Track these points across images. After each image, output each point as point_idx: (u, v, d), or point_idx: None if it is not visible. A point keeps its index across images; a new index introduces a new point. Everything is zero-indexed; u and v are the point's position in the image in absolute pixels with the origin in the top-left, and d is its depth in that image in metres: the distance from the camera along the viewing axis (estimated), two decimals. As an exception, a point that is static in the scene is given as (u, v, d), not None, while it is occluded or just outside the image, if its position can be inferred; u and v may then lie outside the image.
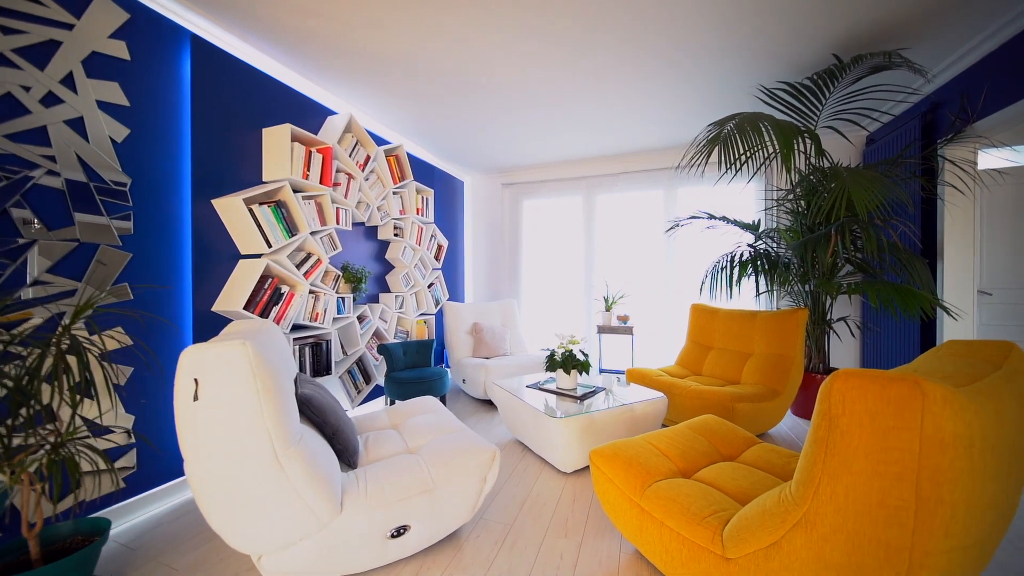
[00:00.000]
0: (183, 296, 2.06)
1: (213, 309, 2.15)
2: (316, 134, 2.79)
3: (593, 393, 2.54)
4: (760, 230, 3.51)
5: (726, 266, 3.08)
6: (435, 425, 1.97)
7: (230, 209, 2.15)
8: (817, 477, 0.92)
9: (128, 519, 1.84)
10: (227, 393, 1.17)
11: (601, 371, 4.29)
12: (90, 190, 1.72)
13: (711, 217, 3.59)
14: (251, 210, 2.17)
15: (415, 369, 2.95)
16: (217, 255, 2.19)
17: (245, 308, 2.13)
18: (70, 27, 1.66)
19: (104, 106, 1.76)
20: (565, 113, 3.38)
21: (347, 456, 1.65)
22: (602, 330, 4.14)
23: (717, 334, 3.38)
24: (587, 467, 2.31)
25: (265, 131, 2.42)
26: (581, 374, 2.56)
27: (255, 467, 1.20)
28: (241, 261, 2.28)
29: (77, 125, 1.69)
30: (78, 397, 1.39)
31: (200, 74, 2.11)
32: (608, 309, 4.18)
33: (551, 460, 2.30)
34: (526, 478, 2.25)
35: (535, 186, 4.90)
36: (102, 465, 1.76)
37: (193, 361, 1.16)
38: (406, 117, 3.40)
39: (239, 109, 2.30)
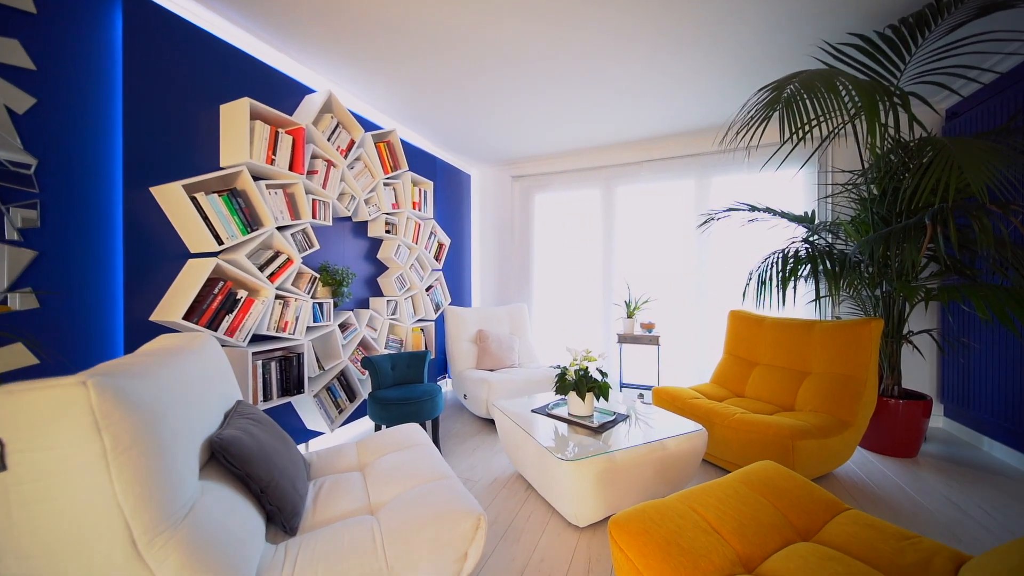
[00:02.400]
0: (113, 303, 1.70)
1: (152, 319, 1.79)
2: (291, 115, 2.42)
3: (613, 423, 2.07)
4: (815, 223, 2.95)
5: (776, 262, 2.53)
6: (410, 469, 1.55)
7: (170, 198, 1.79)
8: None
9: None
10: (52, 459, 0.77)
11: (622, 386, 3.78)
12: (-24, 172, 1.38)
13: (753, 209, 3.05)
14: (195, 199, 1.80)
15: (403, 387, 2.54)
16: (159, 253, 1.84)
17: (186, 318, 1.76)
18: (-53, -34, 1.32)
19: (-2, 68, 1.42)
20: (582, 95, 2.93)
21: (283, 519, 1.24)
22: (623, 339, 3.64)
23: (763, 347, 2.83)
24: (606, 520, 1.84)
25: (223, 108, 2.06)
26: (599, 399, 2.09)
27: (101, 566, 0.80)
28: (190, 261, 1.91)
29: (-43, 90, 1.34)
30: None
31: (135, 37, 1.76)
32: (630, 316, 3.68)
33: (560, 509, 1.84)
34: (529, 531, 1.79)
35: (548, 178, 4.44)
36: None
37: (-5, 412, 0.77)
38: (401, 99, 3.01)
39: (189, 81, 1.94)
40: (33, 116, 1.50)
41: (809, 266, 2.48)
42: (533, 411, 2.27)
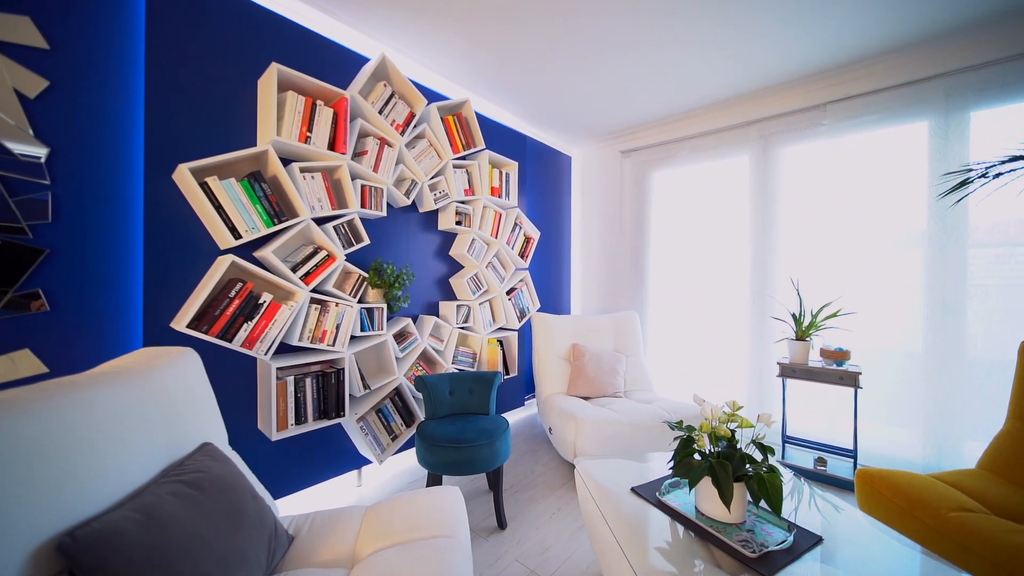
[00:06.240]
0: (132, 307, 1.52)
1: (173, 326, 1.58)
2: (344, 89, 2.08)
3: (790, 554, 1.10)
4: None
5: None
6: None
7: (185, 185, 1.54)
8: None
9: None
10: None
11: (785, 441, 2.55)
12: (-19, 162, 1.26)
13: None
14: (204, 184, 1.52)
15: (461, 419, 1.97)
16: (184, 250, 1.62)
17: (195, 326, 1.49)
18: (-49, -61, 1.22)
19: (7, 48, 1.29)
20: (726, 25, 1.94)
21: None
22: (789, 372, 2.43)
23: None
24: None
25: (260, 82, 1.78)
26: (758, 501, 1.15)
27: None
28: (219, 259, 1.67)
29: (-37, 74, 1.24)
30: None
31: (160, 6, 1.56)
32: (802, 336, 2.44)
33: None
34: None
35: (670, 148, 3.39)
36: None
37: None
38: (478, 65, 2.47)
39: (222, 56, 1.70)
40: (45, 100, 1.35)
41: None
42: (635, 490, 1.43)
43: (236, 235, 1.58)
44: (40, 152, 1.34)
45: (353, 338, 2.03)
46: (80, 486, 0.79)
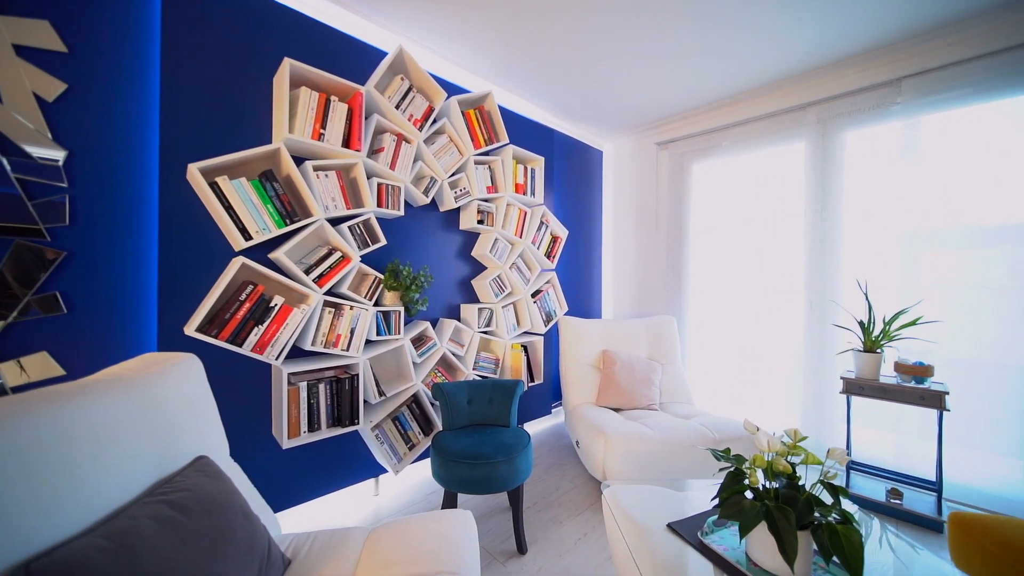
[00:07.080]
0: (147, 310, 1.51)
1: (187, 331, 1.55)
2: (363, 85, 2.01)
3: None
4: None
5: None
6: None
7: (198, 186, 1.51)
8: None
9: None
10: None
11: (850, 467, 2.23)
12: (1, 167, 1.27)
13: None
14: (214, 184, 1.48)
15: (479, 431, 1.84)
16: (199, 252, 1.59)
17: (205, 330, 1.45)
18: (-27, -55, 1.23)
19: (27, 52, 1.30)
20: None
21: None
22: (856, 389, 2.11)
23: None
24: None
25: (276, 79, 1.74)
26: (828, 560, 0.93)
27: None
28: (234, 260, 1.64)
29: (-16, 79, 1.25)
30: None
31: (175, 7, 1.54)
32: (871, 348, 2.11)
33: None
34: None
35: (713, 138, 3.11)
36: None
37: None
38: (501, 56, 2.34)
39: (238, 55, 1.67)
40: (64, 103, 1.35)
41: None
42: (671, 527, 1.24)
43: (247, 236, 1.53)
44: (58, 155, 1.35)
45: (368, 342, 1.95)
46: (48, 508, 0.72)
